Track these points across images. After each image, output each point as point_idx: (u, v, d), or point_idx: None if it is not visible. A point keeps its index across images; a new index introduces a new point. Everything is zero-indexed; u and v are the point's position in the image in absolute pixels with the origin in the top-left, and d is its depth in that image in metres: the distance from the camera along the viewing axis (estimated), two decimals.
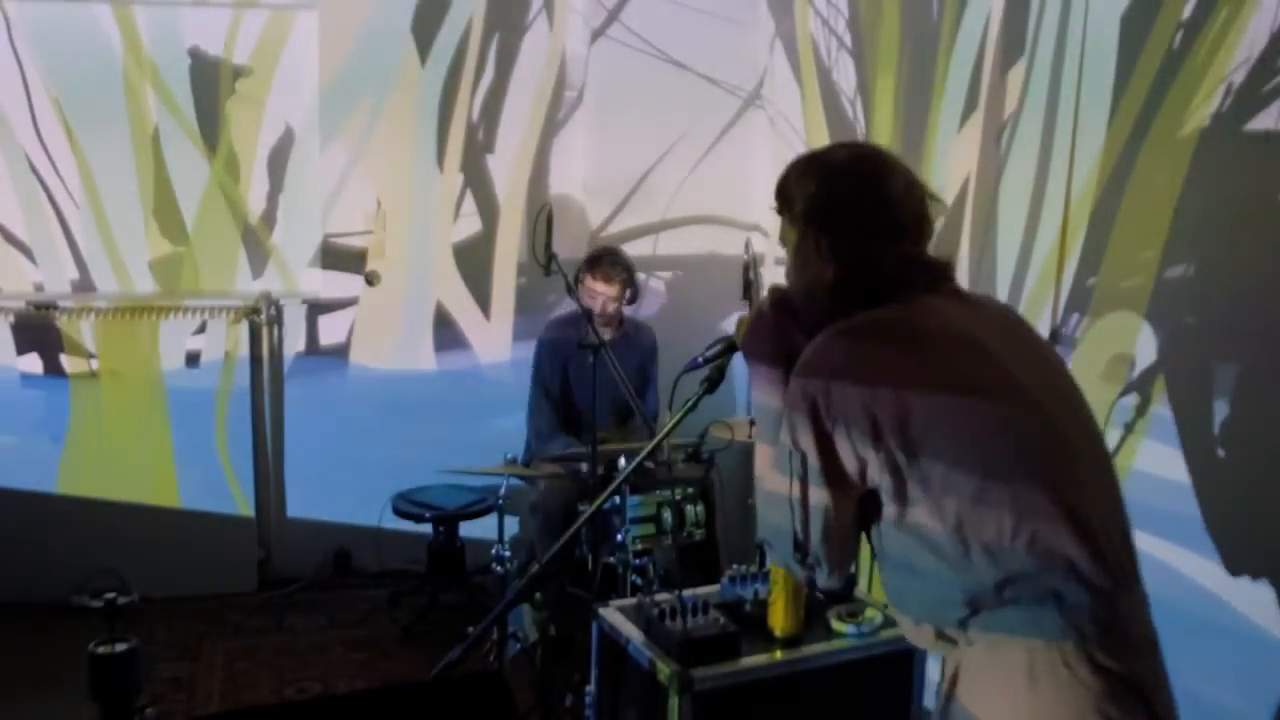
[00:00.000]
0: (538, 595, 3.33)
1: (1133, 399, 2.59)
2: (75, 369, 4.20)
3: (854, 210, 1.58)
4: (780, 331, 1.67)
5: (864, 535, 1.58)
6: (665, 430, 2.00)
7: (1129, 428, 2.59)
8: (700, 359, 1.90)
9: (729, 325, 1.95)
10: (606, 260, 3.88)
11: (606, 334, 3.94)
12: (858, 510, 1.53)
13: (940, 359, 1.50)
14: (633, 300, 3.97)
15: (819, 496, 1.51)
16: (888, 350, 1.51)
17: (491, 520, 3.69)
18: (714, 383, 1.89)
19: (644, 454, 2.06)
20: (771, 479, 1.58)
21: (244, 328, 4.29)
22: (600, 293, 3.85)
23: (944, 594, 1.47)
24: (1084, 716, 1.40)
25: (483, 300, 4.57)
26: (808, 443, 1.51)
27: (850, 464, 1.50)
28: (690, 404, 1.92)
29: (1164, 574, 2.47)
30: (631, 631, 2.35)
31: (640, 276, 4.07)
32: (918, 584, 1.51)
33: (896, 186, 1.60)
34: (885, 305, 1.56)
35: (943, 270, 1.64)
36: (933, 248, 1.66)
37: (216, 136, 4.22)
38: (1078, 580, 1.43)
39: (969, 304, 1.64)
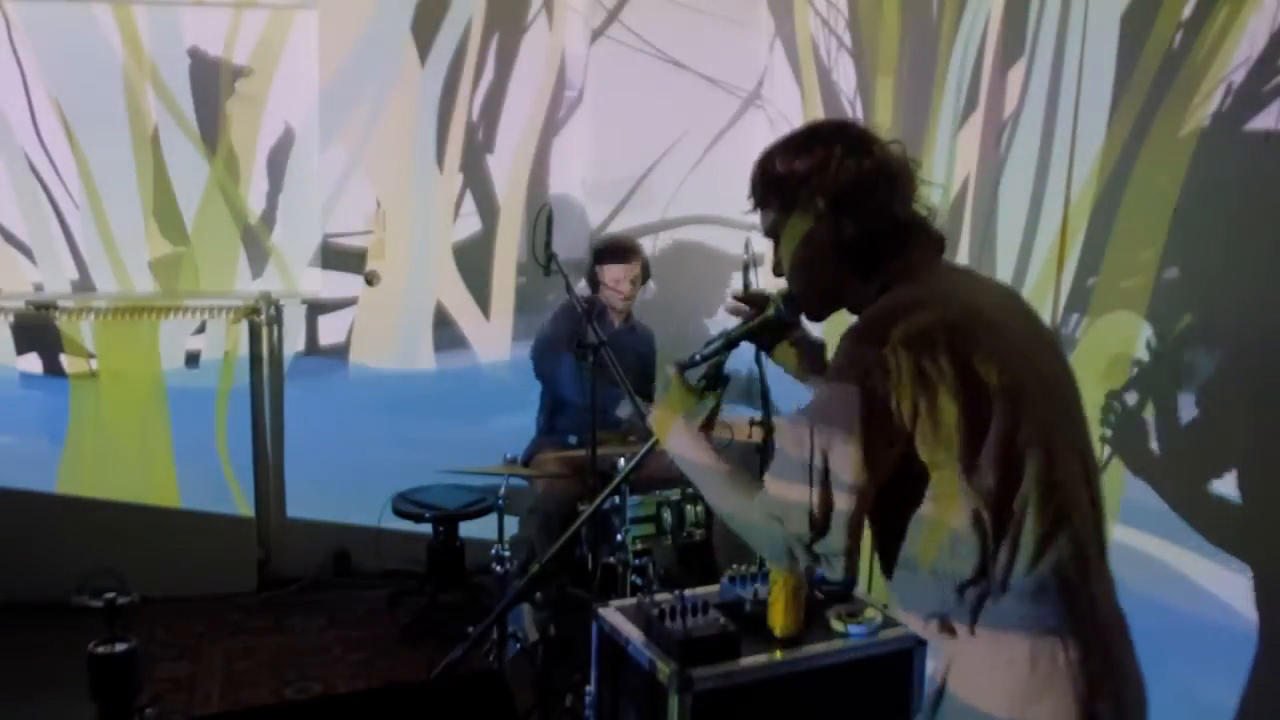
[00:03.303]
0: (538, 595, 3.34)
1: (1132, 398, 2.59)
2: (75, 369, 4.20)
3: (852, 166, 1.58)
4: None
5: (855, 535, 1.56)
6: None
7: (1128, 428, 2.59)
8: (697, 356, 1.89)
9: (728, 324, 1.93)
10: (621, 243, 4.01)
11: (616, 322, 3.96)
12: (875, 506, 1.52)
13: (981, 343, 1.48)
14: (646, 277, 4.05)
15: (846, 471, 1.47)
16: (940, 335, 1.46)
17: (491, 520, 3.68)
18: (712, 380, 1.88)
19: (642, 453, 2.06)
20: (792, 452, 1.53)
21: (244, 328, 4.29)
22: (621, 276, 3.95)
23: (951, 589, 1.48)
24: (1068, 703, 1.44)
25: (482, 300, 4.57)
26: (849, 429, 1.46)
27: (885, 456, 1.48)
28: None
29: (1163, 572, 2.47)
30: (631, 631, 2.35)
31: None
32: (929, 580, 1.50)
33: (877, 140, 1.62)
34: (900, 271, 1.57)
35: (928, 227, 1.64)
36: None
37: (216, 136, 4.22)
38: (1077, 561, 1.46)
39: (976, 280, 1.69)
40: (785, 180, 1.62)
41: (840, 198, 1.57)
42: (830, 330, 1.80)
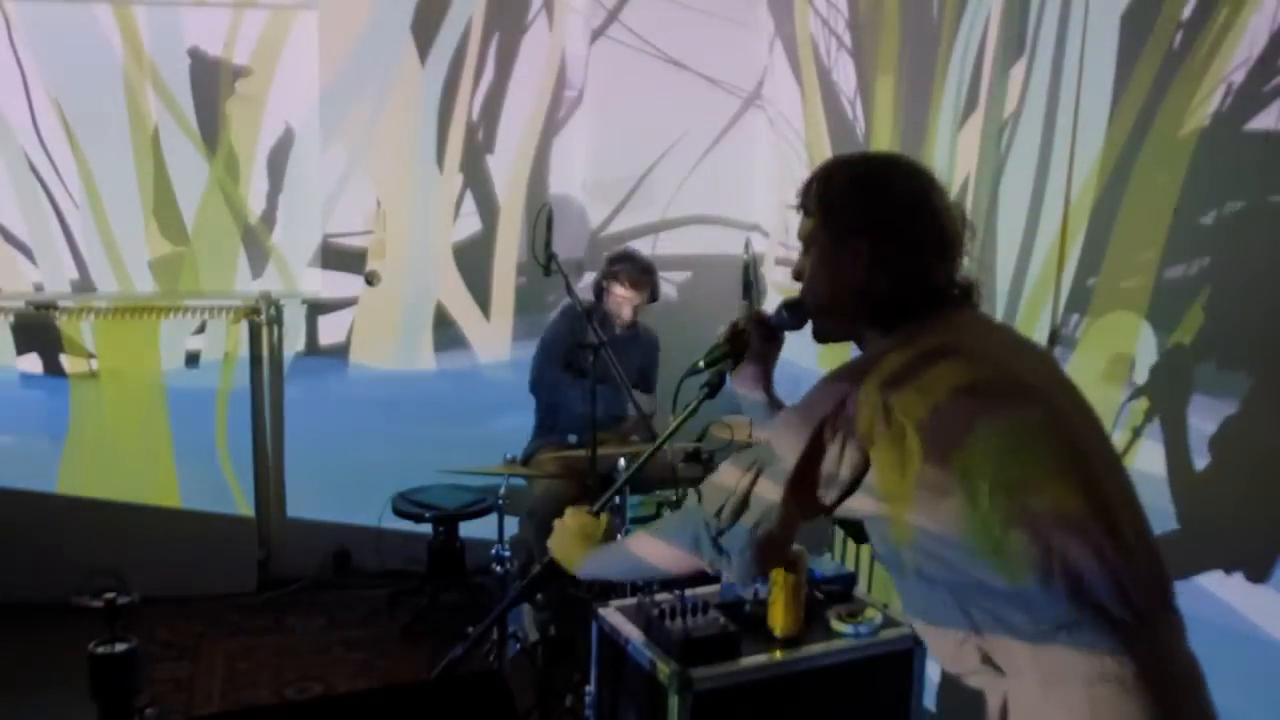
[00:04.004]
0: (538, 595, 3.34)
1: (1133, 399, 2.59)
2: (75, 369, 4.20)
3: (910, 224, 1.56)
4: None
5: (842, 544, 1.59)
6: (666, 433, 2.00)
7: (1129, 428, 2.59)
8: (701, 363, 1.89)
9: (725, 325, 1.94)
10: (636, 266, 3.89)
11: (618, 329, 3.95)
12: (796, 527, 1.57)
13: (977, 377, 1.48)
14: (652, 300, 3.98)
15: (769, 493, 1.53)
16: (934, 368, 1.47)
17: (491, 520, 3.69)
18: (714, 388, 1.89)
19: (646, 457, 2.06)
20: (725, 471, 1.64)
21: (244, 328, 4.29)
22: (626, 298, 3.88)
23: (971, 600, 1.43)
24: None
25: (482, 300, 4.57)
26: (792, 441, 1.50)
27: (833, 481, 1.49)
28: (690, 409, 1.92)
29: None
30: (631, 631, 2.35)
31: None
32: (943, 591, 1.46)
33: (944, 203, 1.59)
34: (915, 319, 1.55)
35: (970, 290, 1.63)
36: None
37: (216, 136, 4.22)
38: (1121, 599, 1.38)
39: (985, 324, 1.66)
40: (840, 204, 1.59)
41: (885, 253, 1.55)
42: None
